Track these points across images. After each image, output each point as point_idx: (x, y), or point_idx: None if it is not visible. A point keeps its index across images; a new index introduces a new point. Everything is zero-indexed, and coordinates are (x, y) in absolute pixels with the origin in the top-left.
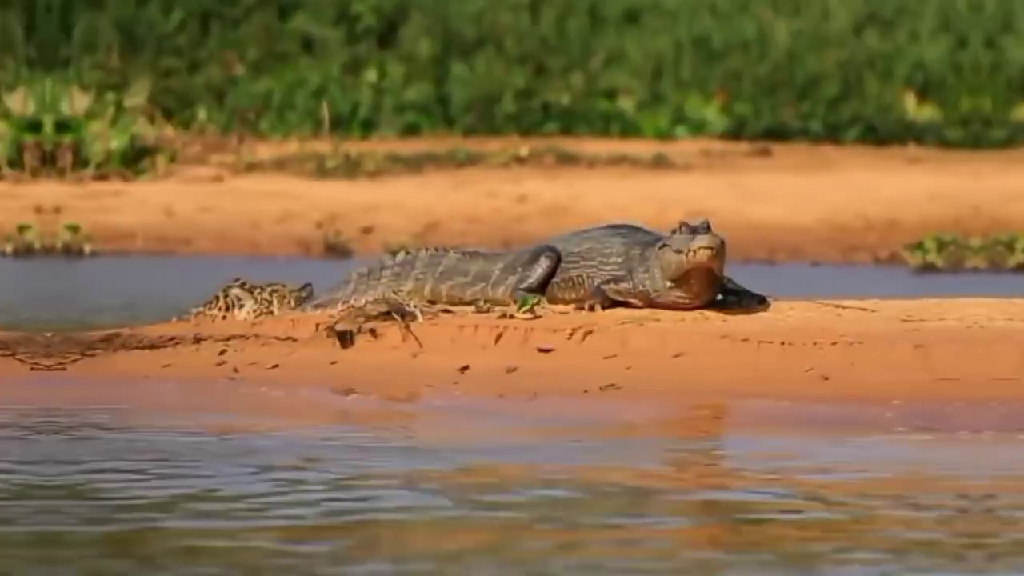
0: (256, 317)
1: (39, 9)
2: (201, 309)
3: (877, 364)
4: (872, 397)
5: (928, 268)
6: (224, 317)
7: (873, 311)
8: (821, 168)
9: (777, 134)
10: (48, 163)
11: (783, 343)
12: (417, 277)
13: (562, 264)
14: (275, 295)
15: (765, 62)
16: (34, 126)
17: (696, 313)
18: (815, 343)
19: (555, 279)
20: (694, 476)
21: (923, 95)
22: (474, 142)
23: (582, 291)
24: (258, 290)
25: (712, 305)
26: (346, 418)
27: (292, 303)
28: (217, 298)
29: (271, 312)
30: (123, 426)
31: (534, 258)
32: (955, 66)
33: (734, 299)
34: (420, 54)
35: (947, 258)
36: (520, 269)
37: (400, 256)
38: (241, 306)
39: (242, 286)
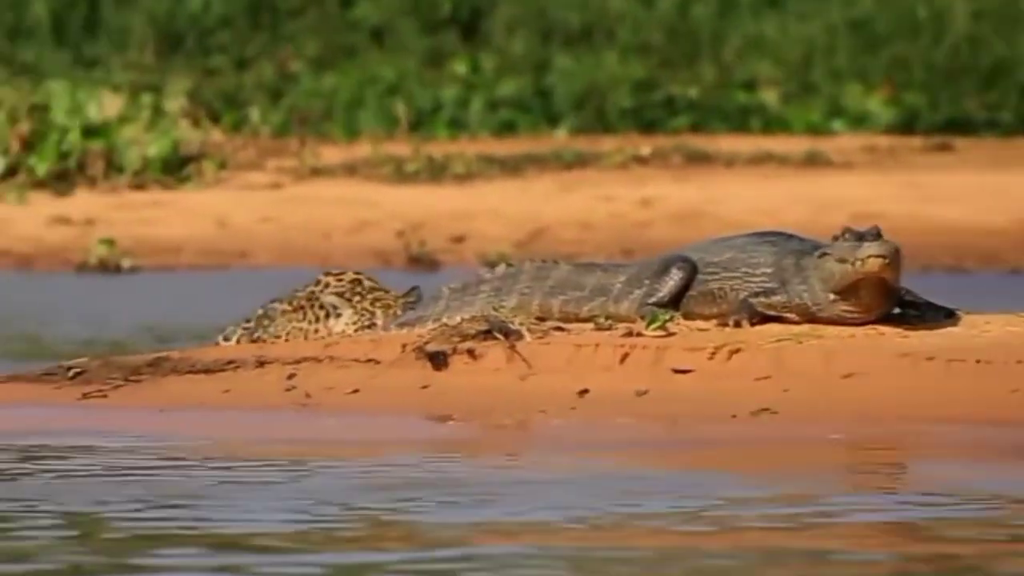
0: (356, 330)
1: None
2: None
3: None
4: None
5: None
6: (316, 331)
7: None
8: (1016, 164)
9: (959, 127)
10: (76, 171)
11: (979, 361)
12: (522, 292)
13: (699, 276)
14: (378, 304)
15: (941, 47)
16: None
17: (868, 329)
18: (1020, 361)
19: (691, 292)
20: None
21: None
22: (583, 141)
23: (724, 305)
24: (357, 298)
25: (887, 320)
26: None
27: (399, 313)
28: (303, 308)
29: (374, 324)
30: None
31: (664, 269)
32: None
33: (914, 313)
34: (513, 46)
35: None
36: (647, 281)
37: (500, 269)
38: (338, 316)
39: (338, 293)
